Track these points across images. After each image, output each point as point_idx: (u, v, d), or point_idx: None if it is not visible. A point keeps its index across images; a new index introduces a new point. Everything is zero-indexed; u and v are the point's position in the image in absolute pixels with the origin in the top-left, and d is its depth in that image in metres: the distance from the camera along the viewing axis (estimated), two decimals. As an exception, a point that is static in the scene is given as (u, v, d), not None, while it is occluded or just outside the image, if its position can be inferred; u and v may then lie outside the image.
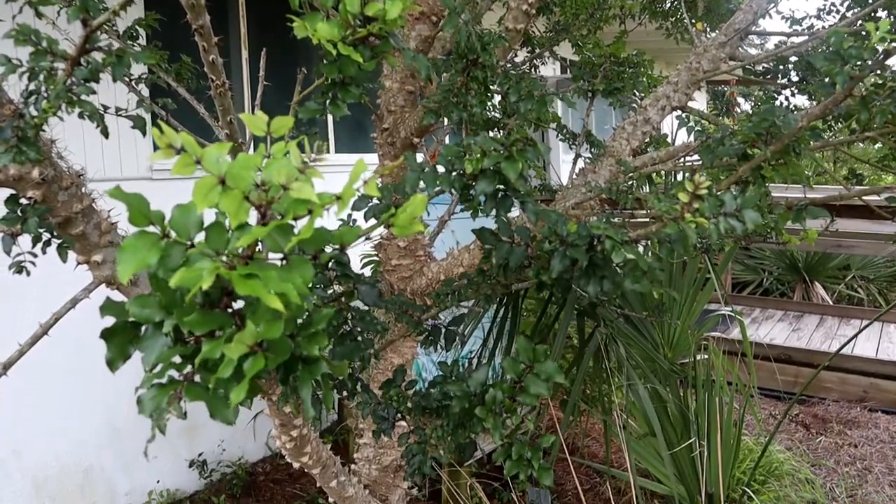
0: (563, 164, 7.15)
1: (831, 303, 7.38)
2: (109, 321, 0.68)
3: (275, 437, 1.54)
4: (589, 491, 4.28)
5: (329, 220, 0.70)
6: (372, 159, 2.25)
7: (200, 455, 4.16)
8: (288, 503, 4.05)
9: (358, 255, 4.21)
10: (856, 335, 3.20)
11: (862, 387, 5.45)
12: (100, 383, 3.60)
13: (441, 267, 1.89)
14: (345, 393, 1.29)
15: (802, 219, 1.20)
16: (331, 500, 1.86)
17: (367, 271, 3.36)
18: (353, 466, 2.10)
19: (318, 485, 1.84)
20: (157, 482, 3.97)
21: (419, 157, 1.24)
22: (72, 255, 1.19)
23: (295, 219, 0.66)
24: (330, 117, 5.10)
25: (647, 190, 2.72)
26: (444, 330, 1.26)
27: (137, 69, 1.93)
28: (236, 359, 0.60)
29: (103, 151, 3.70)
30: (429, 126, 1.69)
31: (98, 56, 1.03)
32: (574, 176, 2.08)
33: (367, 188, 0.65)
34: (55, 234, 1.16)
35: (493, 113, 1.81)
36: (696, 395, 3.15)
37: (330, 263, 1.13)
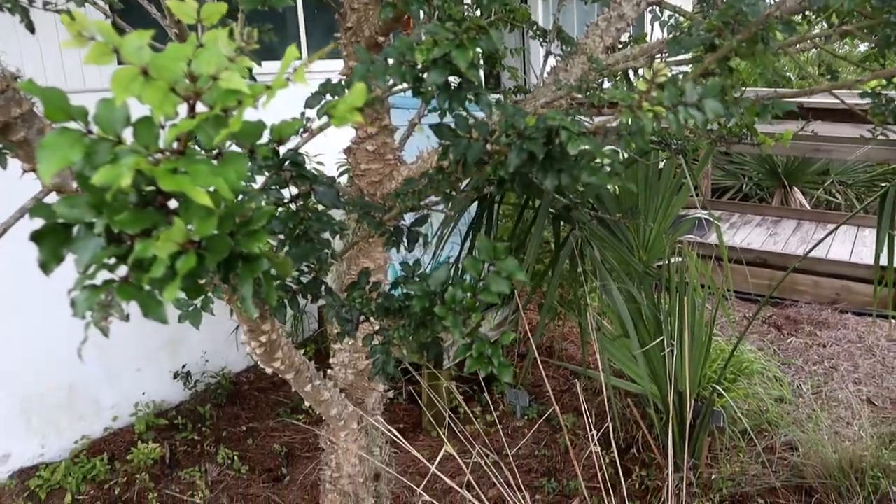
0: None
1: (809, 208, 7.44)
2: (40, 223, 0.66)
3: (244, 344, 1.54)
4: (566, 392, 4.42)
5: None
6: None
7: (184, 367, 4.21)
8: (272, 410, 4.15)
9: (335, 164, 4.15)
10: (823, 238, 3.23)
11: (835, 289, 5.57)
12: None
13: (411, 170, 1.86)
14: (309, 297, 1.28)
15: (769, 112, 1.17)
16: (306, 403, 1.90)
17: (344, 179, 3.30)
18: (328, 371, 2.13)
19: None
20: (143, 394, 4.04)
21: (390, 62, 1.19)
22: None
23: (225, 111, 0.63)
24: (302, 20, 4.91)
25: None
26: (406, 230, 1.24)
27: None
28: (167, 258, 0.58)
29: (63, 62, 3.55)
30: (392, 23, 1.62)
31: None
32: (545, 75, 2.02)
33: (296, 76, 0.62)
34: (-8, 139, 1.11)
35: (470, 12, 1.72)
36: (670, 298, 3.20)
37: (286, 164, 1.10)
